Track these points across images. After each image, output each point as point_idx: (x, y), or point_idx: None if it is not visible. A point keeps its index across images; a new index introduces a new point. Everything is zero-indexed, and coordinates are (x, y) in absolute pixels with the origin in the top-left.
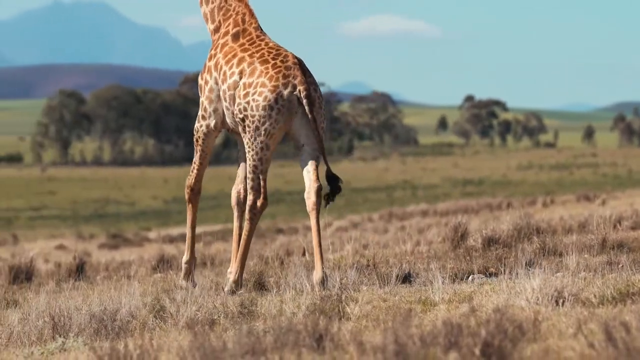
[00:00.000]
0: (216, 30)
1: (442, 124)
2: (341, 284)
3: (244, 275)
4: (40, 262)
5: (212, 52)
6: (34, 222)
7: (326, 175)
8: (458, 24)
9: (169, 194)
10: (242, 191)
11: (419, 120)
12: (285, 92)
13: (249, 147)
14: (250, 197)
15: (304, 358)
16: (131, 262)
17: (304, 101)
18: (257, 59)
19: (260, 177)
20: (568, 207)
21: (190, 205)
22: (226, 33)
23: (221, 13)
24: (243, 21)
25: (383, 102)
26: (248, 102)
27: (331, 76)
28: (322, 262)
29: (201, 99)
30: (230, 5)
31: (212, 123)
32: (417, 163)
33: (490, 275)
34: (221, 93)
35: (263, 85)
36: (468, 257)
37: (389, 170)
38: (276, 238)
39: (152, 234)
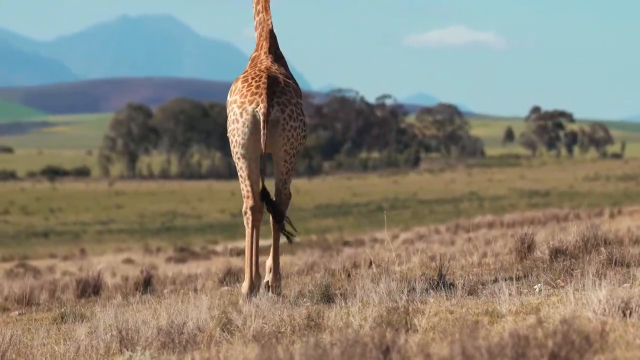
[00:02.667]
0: None
1: (509, 136)
2: (408, 296)
3: (308, 287)
4: (107, 275)
5: None
6: (101, 236)
7: (260, 193)
8: (524, 35)
9: (236, 207)
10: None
11: (486, 131)
12: (249, 108)
13: (233, 158)
14: (244, 203)
15: None
16: (198, 275)
17: (260, 118)
18: (242, 80)
19: (246, 184)
20: (635, 217)
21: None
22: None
23: (258, 39)
24: (260, 47)
25: (449, 113)
26: (228, 120)
27: (398, 88)
28: (277, 273)
29: None
30: (263, 30)
31: None
32: (483, 174)
33: (557, 286)
34: None
35: (235, 102)
36: (535, 269)
37: (455, 181)
38: (342, 250)
39: (219, 247)
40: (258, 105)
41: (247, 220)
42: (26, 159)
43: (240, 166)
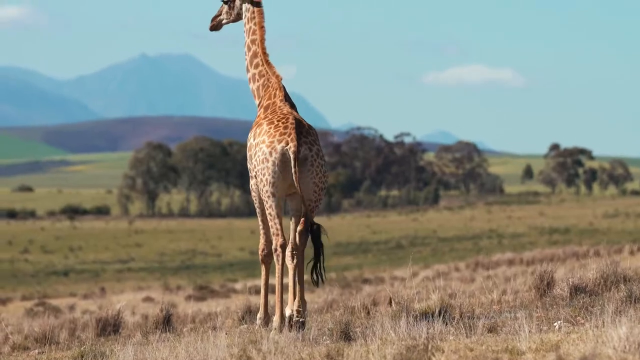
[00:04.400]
0: (259, 104)
1: (528, 173)
2: (428, 333)
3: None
4: (127, 314)
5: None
6: (121, 275)
7: (310, 230)
8: (543, 73)
9: (255, 245)
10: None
11: (505, 169)
12: (279, 147)
13: (262, 198)
14: (273, 241)
15: None
16: (218, 314)
17: (291, 156)
18: (266, 122)
19: (276, 222)
20: None
21: (262, 265)
22: (261, 106)
23: (264, 89)
24: (274, 95)
25: (468, 151)
26: (255, 159)
27: (417, 126)
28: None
29: None
30: (271, 82)
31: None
32: (503, 212)
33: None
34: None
35: (263, 142)
36: (555, 306)
37: (475, 219)
38: (362, 288)
39: (238, 285)
40: (287, 144)
41: (277, 258)
42: (46, 198)
43: (270, 204)
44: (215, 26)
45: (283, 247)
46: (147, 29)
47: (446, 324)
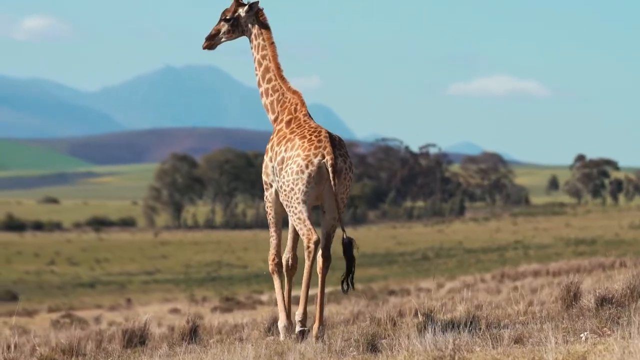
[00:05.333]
0: (275, 119)
1: (553, 184)
2: (454, 345)
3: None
4: (153, 325)
5: (271, 137)
6: (147, 286)
7: (342, 242)
8: (568, 83)
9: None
10: (290, 259)
11: (530, 180)
12: (315, 160)
13: (288, 207)
14: (305, 240)
15: None
16: (244, 325)
17: (329, 169)
18: (298, 136)
19: (306, 224)
20: None
21: (275, 276)
22: (281, 121)
23: (279, 105)
24: (295, 110)
25: (494, 162)
26: (287, 171)
27: (442, 137)
28: (321, 319)
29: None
30: (287, 97)
31: (271, 191)
32: (528, 223)
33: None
34: (271, 169)
35: (298, 155)
36: (581, 317)
37: (500, 230)
38: (388, 299)
39: (264, 297)
40: (324, 158)
41: (309, 254)
42: (72, 210)
43: (300, 210)
44: (212, 45)
45: (317, 243)
46: (171, 40)
47: (472, 335)
